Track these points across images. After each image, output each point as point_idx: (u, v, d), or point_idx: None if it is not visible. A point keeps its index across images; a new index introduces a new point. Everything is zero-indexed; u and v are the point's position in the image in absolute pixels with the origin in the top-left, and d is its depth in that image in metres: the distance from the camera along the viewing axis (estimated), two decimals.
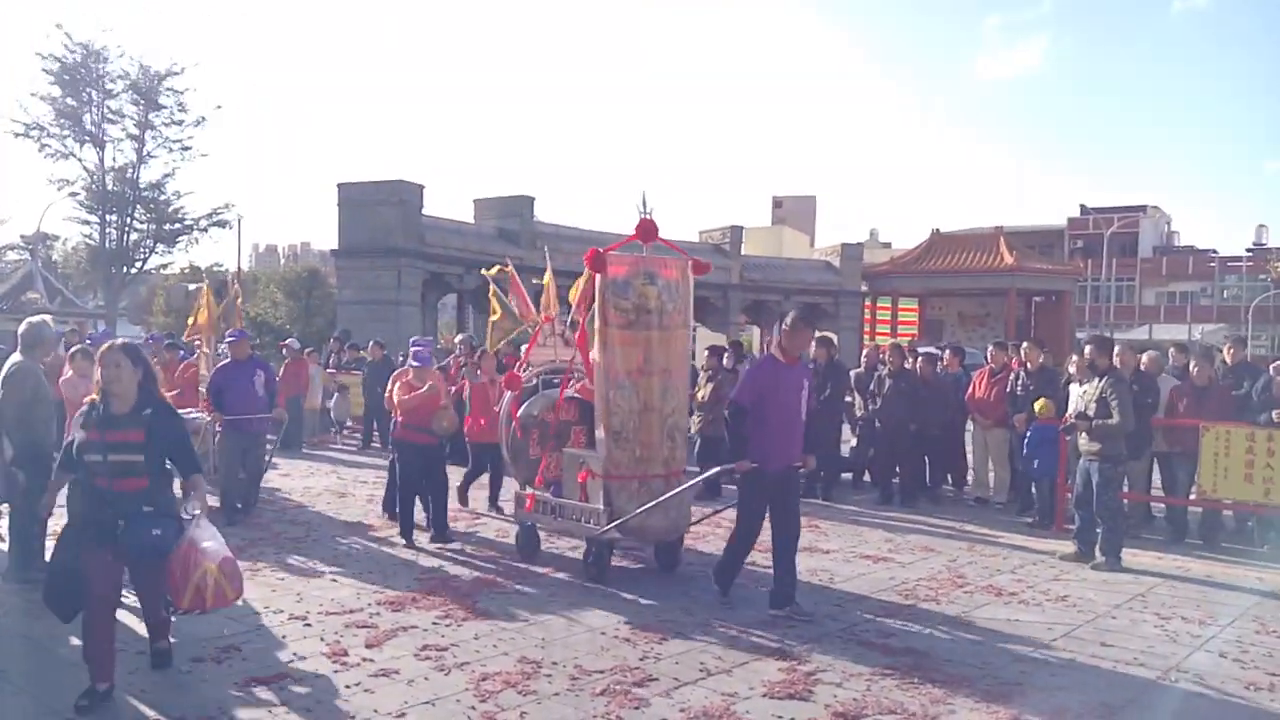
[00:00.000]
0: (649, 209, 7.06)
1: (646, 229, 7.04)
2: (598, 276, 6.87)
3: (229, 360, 9.53)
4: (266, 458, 9.93)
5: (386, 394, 8.90)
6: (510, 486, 8.92)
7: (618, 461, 6.84)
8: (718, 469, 7.03)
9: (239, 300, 12.01)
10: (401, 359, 15.24)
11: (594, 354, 7.04)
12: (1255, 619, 6.34)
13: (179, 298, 12.78)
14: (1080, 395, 8.07)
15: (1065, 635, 5.90)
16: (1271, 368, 9.21)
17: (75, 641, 5.49)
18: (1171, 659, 5.46)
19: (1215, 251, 59.10)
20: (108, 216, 32.16)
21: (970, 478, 11.49)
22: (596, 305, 6.92)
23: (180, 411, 8.50)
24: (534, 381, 8.61)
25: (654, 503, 6.71)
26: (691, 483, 7.10)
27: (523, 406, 8.18)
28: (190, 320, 12.57)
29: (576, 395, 7.75)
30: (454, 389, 10.77)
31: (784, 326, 6.49)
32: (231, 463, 9.12)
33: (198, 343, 12.17)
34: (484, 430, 9.65)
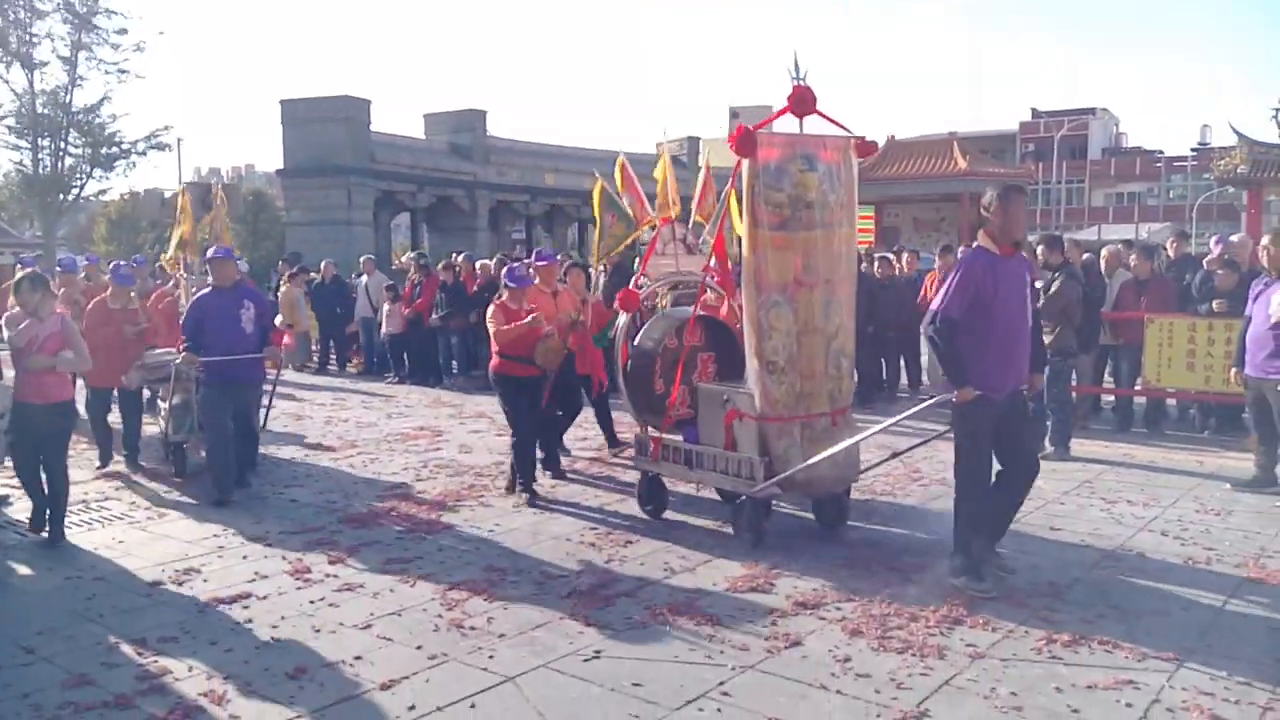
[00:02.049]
0: (803, 73, 5.46)
1: (802, 98, 5.45)
2: (744, 163, 5.44)
3: (209, 288, 7.32)
4: (263, 411, 8.31)
5: (493, 328, 6.96)
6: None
7: (775, 399, 5.51)
8: (930, 401, 5.31)
9: (225, 210, 10.26)
10: (355, 279, 15.09)
11: (742, 261, 5.70)
12: (1195, 499, 6.57)
13: (154, 208, 10.58)
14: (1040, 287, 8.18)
15: (1016, 521, 6.06)
16: (1205, 261, 9.38)
17: (25, 572, 5.46)
18: (1116, 539, 5.66)
19: (1161, 152, 59.64)
20: (40, 141, 30.85)
21: (925, 378, 11.67)
22: (744, 200, 5.50)
23: (157, 352, 7.78)
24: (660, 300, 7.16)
25: (828, 452, 5.40)
26: (889, 422, 5.57)
27: (640, 331, 6.64)
28: (171, 236, 10.47)
29: (703, 314, 6.55)
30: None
31: (989, 204, 4.85)
32: (218, 420, 6.97)
33: (172, 266, 10.28)
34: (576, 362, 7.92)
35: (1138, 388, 9.21)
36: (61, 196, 31.78)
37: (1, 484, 7.08)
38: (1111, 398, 9.81)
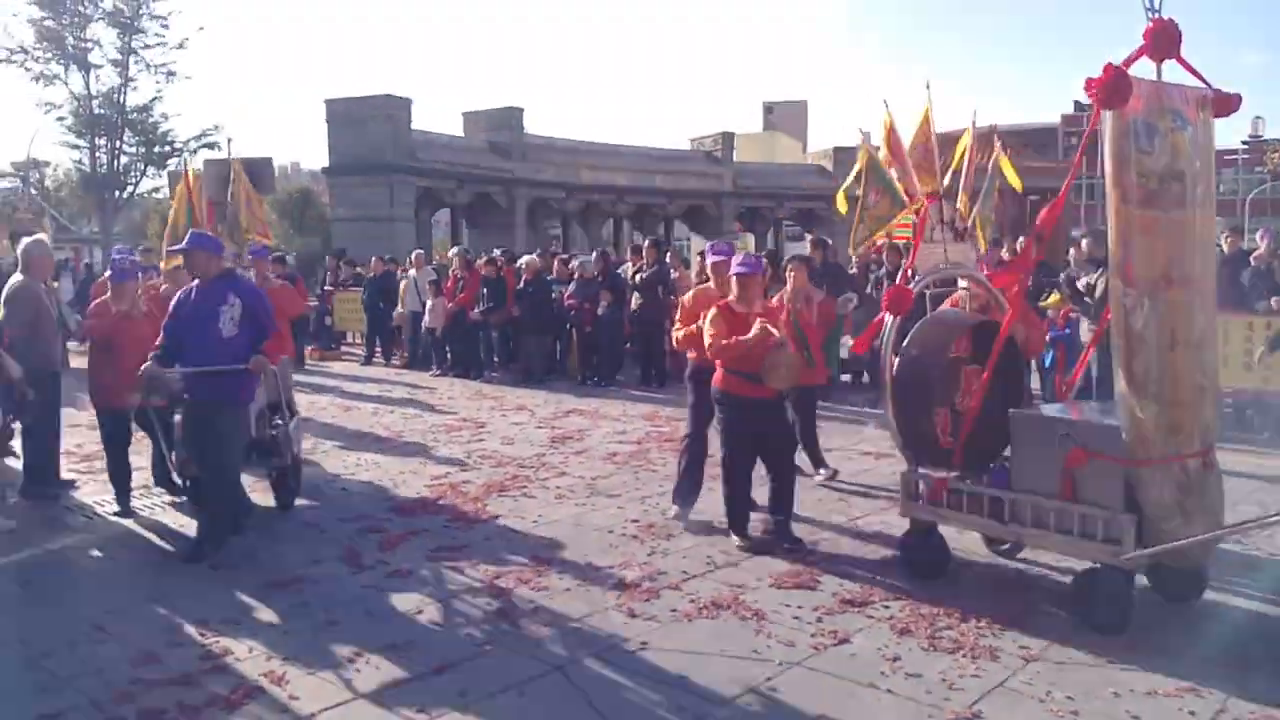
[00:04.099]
0: (1158, 3, 4.27)
1: (1165, 35, 4.23)
2: (1109, 117, 4.14)
3: (187, 285, 5.79)
4: (243, 437, 5.77)
5: (708, 339, 5.53)
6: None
7: (1146, 434, 4.17)
8: None
9: (245, 186, 8.90)
10: (401, 274, 15.28)
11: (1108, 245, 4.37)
12: (1258, 504, 6.46)
13: (215, 184, 8.81)
14: (1083, 287, 8.13)
15: None
16: (1253, 257, 9.19)
17: (96, 554, 5.65)
18: None
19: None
20: (96, 140, 31.59)
21: None
22: (1109, 166, 4.18)
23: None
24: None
25: (1249, 523, 4.39)
26: None
27: (908, 336, 5.23)
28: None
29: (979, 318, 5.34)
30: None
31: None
32: (190, 446, 5.59)
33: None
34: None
35: None
36: (117, 194, 32.55)
37: (69, 469, 7.31)
38: None
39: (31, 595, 4.93)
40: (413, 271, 14.83)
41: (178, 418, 5.68)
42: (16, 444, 6.66)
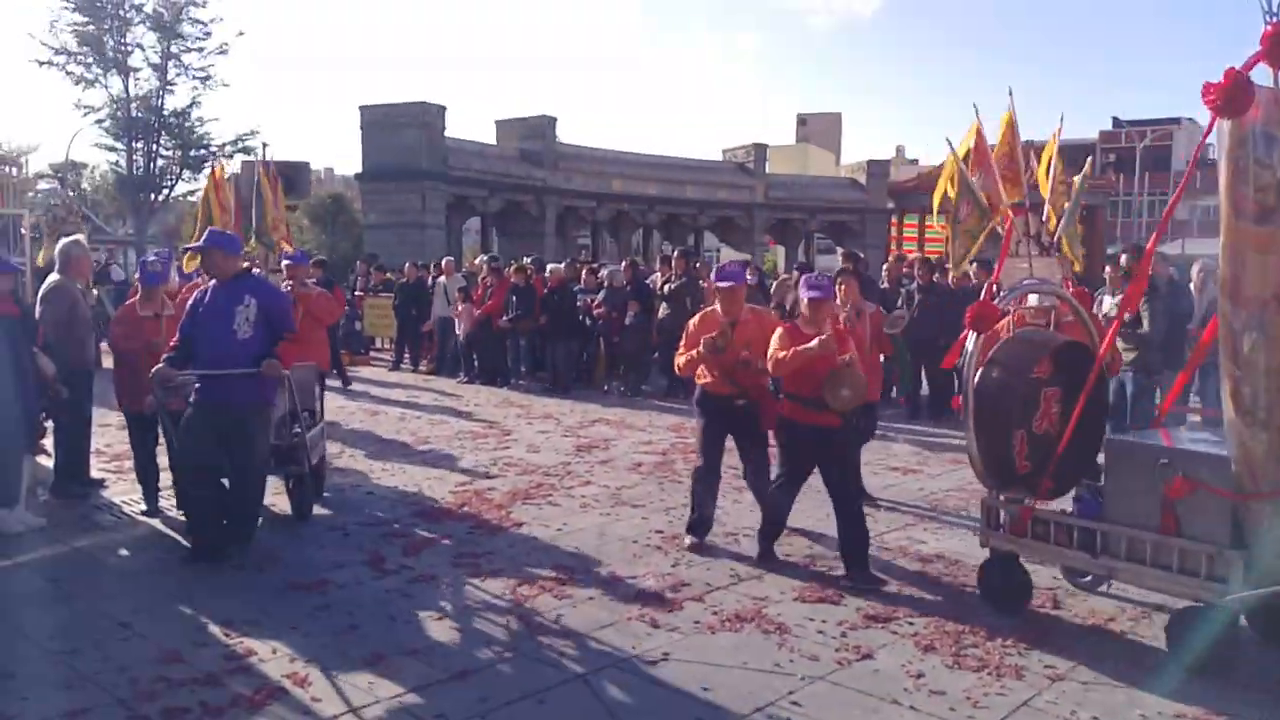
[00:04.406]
0: (1278, 5, 3.84)
1: None
2: (1225, 127, 3.84)
3: (205, 283, 5.95)
4: (264, 446, 5.64)
5: (770, 355, 5.24)
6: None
7: (1258, 466, 3.87)
8: None
9: (270, 186, 8.48)
10: (432, 282, 15.36)
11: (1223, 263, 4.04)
12: None
13: (249, 186, 8.63)
14: (1114, 305, 7.99)
15: None
16: None
17: (124, 553, 5.70)
18: None
19: None
20: (134, 143, 32.13)
21: None
22: (1222, 180, 3.93)
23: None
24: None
25: None
26: None
27: (989, 355, 4.84)
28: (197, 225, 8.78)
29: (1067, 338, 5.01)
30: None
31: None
32: (187, 458, 5.45)
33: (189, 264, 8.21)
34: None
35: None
36: (153, 196, 33.07)
37: (99, 468, 7.41)
38: (1198, 418, 9.51)
39: (59, 592, 4.98)
40: (442, 278, 14.92)
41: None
42: (48, 442, 6.77)
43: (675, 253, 12.90)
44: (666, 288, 12.10)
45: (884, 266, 12.58)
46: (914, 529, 6.20)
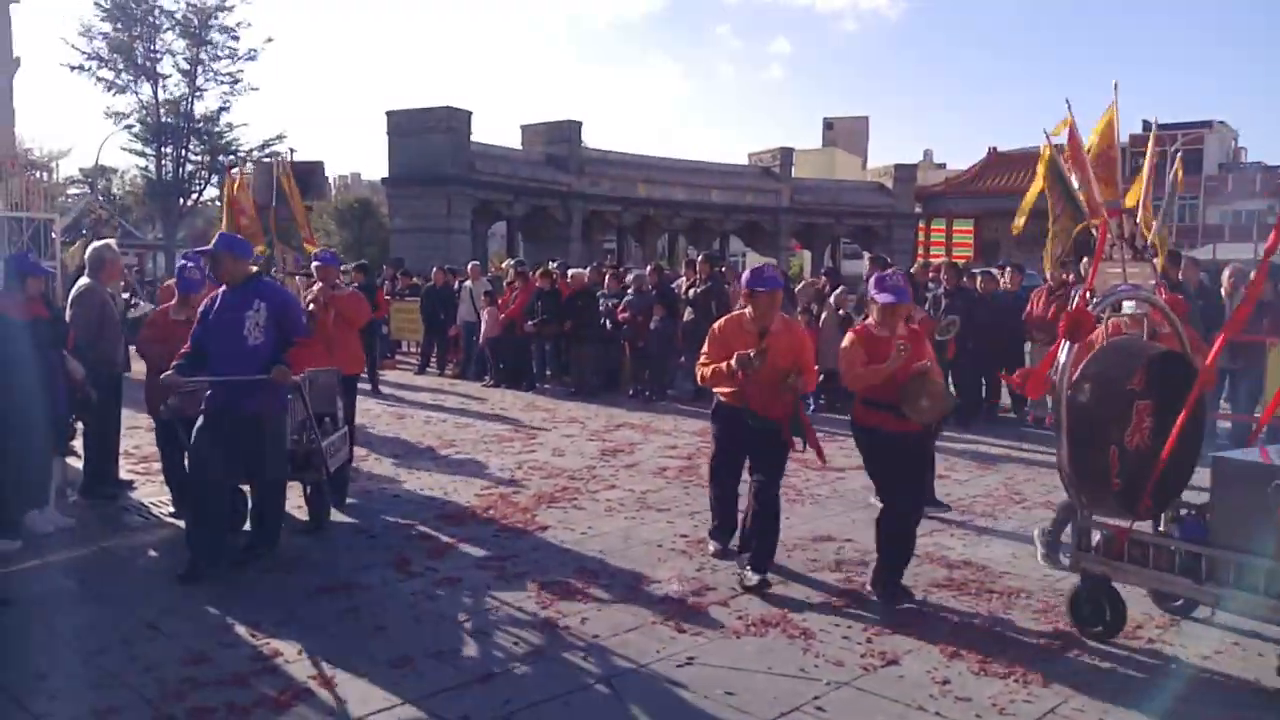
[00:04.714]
0: None
1: None
2: None
3: (216, 289, 5.64)
4: (279, 452, 5.49)
5: (845, 371, 4.97)
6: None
7: None
8: None
9: (291, 188, 8.49)
10: (459, 287, 15.41)
11: None
12: None
13: (264, 188, 8.58)
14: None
15: None
16: None
17: (152, 554, 5.76)
18: None
19: None
20: (163, 148, 32.57)
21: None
22: None
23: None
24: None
25: None
26: None
27: (1080, 368, 4.50)
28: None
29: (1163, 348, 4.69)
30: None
31: None
32: (198, 469, 5.30)
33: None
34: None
35: (1257, 414, 8.77)
36: (182, 201, 33.49)
37: (128, 469, 7.49)
38: (1227, 424, 9.36)
39: (88, 593, 5.03)
40: (469, 282, 14.98)
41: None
42: (78, 444, 6.85)
43: (700, 257, 12.89)
44: (691, 292, 12.09)
45: (910, 271, 12.51)
46: (941, 535, 6.14)
